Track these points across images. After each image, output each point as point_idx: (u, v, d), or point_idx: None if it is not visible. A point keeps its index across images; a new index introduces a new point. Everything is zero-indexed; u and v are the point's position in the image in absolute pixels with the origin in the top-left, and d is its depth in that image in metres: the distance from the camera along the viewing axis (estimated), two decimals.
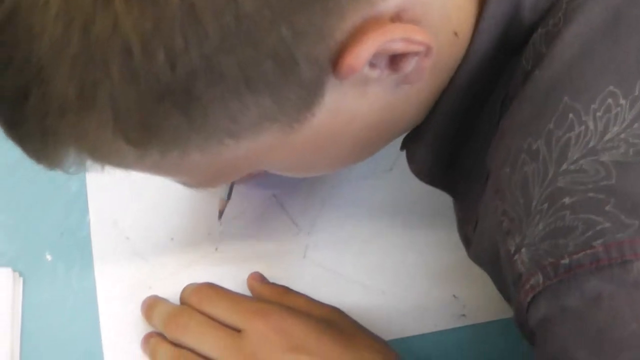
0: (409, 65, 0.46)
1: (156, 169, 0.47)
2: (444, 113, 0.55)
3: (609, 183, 0.42)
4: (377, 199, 0.76)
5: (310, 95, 0.44)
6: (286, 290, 0.69)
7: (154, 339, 0.64)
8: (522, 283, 0.46)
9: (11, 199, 0.74)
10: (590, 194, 0.43)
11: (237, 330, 0.62)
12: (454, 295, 0.72)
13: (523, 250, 0.45)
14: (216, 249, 0.72)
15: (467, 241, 0.60)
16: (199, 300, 0.65)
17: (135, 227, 0.73)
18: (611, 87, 0.45)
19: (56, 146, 0.42)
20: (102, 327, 0.67)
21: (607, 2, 0.48)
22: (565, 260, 0.43)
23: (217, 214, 0.73)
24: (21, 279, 0.69)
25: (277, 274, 0.71)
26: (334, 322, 0.65)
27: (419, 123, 0.57)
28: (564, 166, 0.44)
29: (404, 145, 0.60)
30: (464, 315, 0.71)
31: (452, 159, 0.59)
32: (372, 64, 0.45)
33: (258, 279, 0.70)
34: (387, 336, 0.67)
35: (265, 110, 0.43)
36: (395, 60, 0.46)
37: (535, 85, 0.48)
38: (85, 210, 0.74)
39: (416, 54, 0.45)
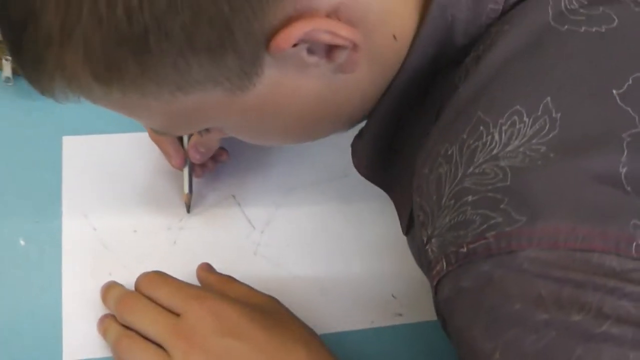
0: (341, 57, 0.54)
1: (120, 107, 0.56)
2: (382, 113, 0.62)
3: (504, 184, 0.48)
4: (330, 202, 0.83)
5: (249, 66, 0.52)
6: (230, 279, 0.74)
7: (108, 320, 0.70)
8: (431, 268, 0.53)
9: None
10: (490, 194, 0.49)
11: (178, 315, 0.67)
12: (392, 295, 0.76)
13: (433, 240, 0.52)
14: (174, 242, 0.78)
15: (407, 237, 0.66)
16: (146, 286, 0.70)
17: (103, 219, 0.79)
18: (518, 106, 0.51)
19: (45, 74, 0.50)
20: (63, 307, 0.72)
21: (532, 26, 0.54)
22: (464, 249, 0.49)
23: (177, 211, 0.80)
24: None
25: (229, 268, 0.76)
26: (268, 310, 0.69)
27: (361, 117, 0.65)
28: (470, 169, 0.50)
29: (354, 141, 0.67)
30: (400, 314, 0.76)
31: (390, 159, 0.67)
32: (310, 51, 0.53)
33: (206, 268, 0.76)
34: (324, 329, 0.72)
35: (208, 72, 0.51)
36: (330, 51, 0.53)
37: (458, 99, 0.55)
38: (59, 201, 0.79)
39: (344, 47, 0.53)
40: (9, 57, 0.83)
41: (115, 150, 0.83)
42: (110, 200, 0.80)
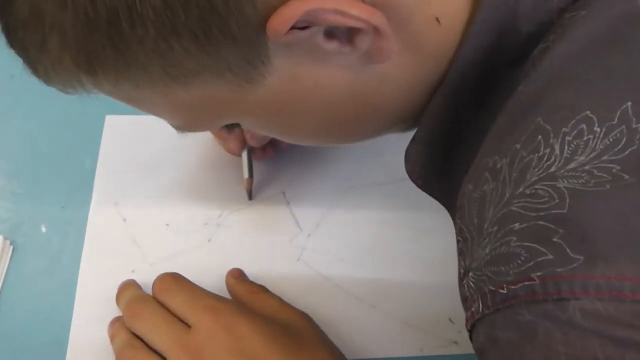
0: (364, 43, 0.45)
1: (126, 99, 0.50)
2: (432, 113, 0.53)
3: (560, 212, 0.39)
4: (387, 207, 0.73)
5: (252, 55, 0.45)
6: (261, 289, 0.65)
7: (118, 324, 0.62)
8: (467, 307, 0.44)
9: (26, 166, 0.74)
10: (541, 222, 0.39)
11: (189, 326, 0.59)
12: (449, 319, 0.66)
13: (470, 274, 0.43)
14: (209, 240, 0.70)
15: None
16: (160, 290, 0.62)
17: (134, 209, 0.71)
18: (588, 112, 0.41)
19: (32, 61, 0.46)
20: (75, 307, 0.65)
21: (616, 13, 0.45)
22: (504, 290, 0.40)
23: (216, 206, 0.71)
24: (11, 247, 0.68)
25: (266, 274, 0.68)
26: (295, 330, 0.61)
27: (415, 116, 0.55)
28: (520, 189, 0.41)
29: (408, 145, 0.57)
30: (456, 342, 0.65)
31: (446, 169, 0.56)
32: (329, 35, 0.45)
33: (236, 275, 0.67)
34: (364, 354, 0.63)
35: (201, 61, 0.44)
36: (351, 35, 0.45)
37: (515, 101, 0.46)
38: (91, 187, 0.72)
39: (365, 32, 0.44)
40: None
41: (158, 135, 0.75)
42: (145, 189, 0.73)
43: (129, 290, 0.64)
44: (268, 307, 0.63)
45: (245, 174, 0.71)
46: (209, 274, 0.65)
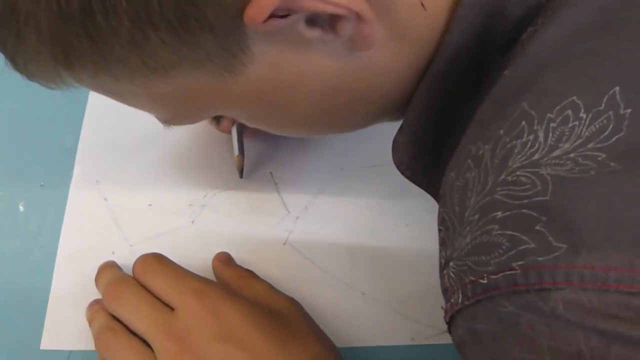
0: (346, 30, 0.44)
1: (102, 92, 0.49)
2: (419, 101, 0.51)
3: (543, 199, 0.38)
4: (379, 190, 0.70)
5: (231, 44, 0.43)
6: (249, 274, 0.63)
7: (96, 307, 0.60)
8: (446, 299, 0.43)
9: (5, 143, 0.72)
10: (523, 210, 0.38)
11: (172, 309, 0.56)
12: (442, 307, 0.63)
13: (451, 263, 0.42)
14: (193, 221, 0.67)
15: None
16: (142, 271, 0.60)
17: (116, 188, 0.69)
18: (574, 97, 0.40)
19: (14, 54, 0.44)
20: (52, 289, 0.63)
21: (600, 2, 0.43)
22: (484, 280, 0.39)
23: (201, 186, 0.69)
24: None
25: (251, 258, 0.65)
26: (284, 315, 0.58)
27: (404, 105, 0.53)
28: (502, 176, 0.40)
29: (395, 135, 0.56)
30: (448, 331, 0.62)
31: (434, 157, 0.55)
32: (310, 23, 0.43)
33: (223, 259, 0.65)
34: (353, 342, 0.61)
35: (178, 51, 0.43)
36: (334, 22, 0.43)
37: (502, 86, 0.45)
38: (71, 166, 0.70)
39: (347, 18, 0.43)
40: None
41: (141, 115, 0.72)
42: (128, 168, 0.70)
43: (108, 272, 0.62)
44: (256, 292, 0.60)
45: (236, 151, 0.68)
46: (192, 256, 0.63)
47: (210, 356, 0.54)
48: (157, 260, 0.60)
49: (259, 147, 0.71)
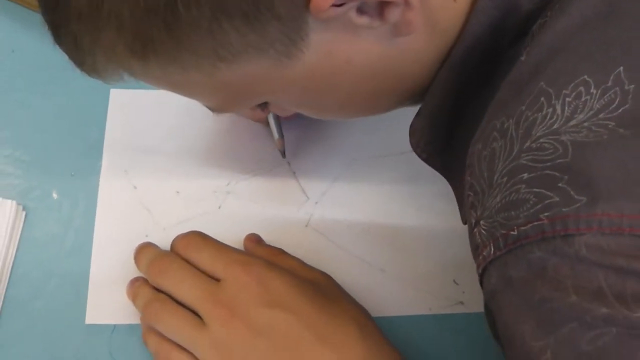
0: (393, 15, 0.48)
1: (167, 84, 0.53)
2: (439, 87, 0.56)
3: (564, 161, 0.43)
4: (390, 178, 0.75)
5: (292, 31, 0.47)
6: (281, 251, 0.68)
7: (139, 283, 0.64)
8: (477, 254, 0.47)
9: (32, 136, 0.75)
10: (547, 171, 0.43)
11: (218, 281, 0.60)
12: (454, 281, 0.68)
13: (482, 222, 0.47)
14: (219, 207, 0.71)
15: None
16: (184, 246, 0.64)
17: (144, 177, 0.72)
18: (585, 76, 0.45)
19: (83, 52, 0.48)
20: (92, 268, 0.67)
21: None
22: (515, 232, 0.43)
23: (225, 174, 0.73)
24: (24, 213, 0.69)
25: (277, 239, 0.69)
26: (319, 285, 0.63)
27: (424, 90, 0.57)
28: (527, 144, 0.45)
29: (413, 119, 0.60)
30: (461, 302, 0.68)
31: (449, 142, 0.60)
32: (360, 11, 0.47)
33: (254, 240, 0.69)
34: (378, 312, 0.65)
35: (248, 39, 0.46)
36: (381, 9, 0.47)
37: (520, 70, 0.49)
38: (99, 156, 0.73)
39: (395, 4, 0.47)
40: None
41: (164, 107, 0.77)
42: (154, 158, 0.74)
43: (149, 250, 0.65)
44: (290, 266, 0.64)
45: (276, 135, 0.73)
46: (222, 237, 0.66)
47: (258, 320, 0.58)
48: (198, 236, 0.64)
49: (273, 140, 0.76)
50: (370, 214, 0.72)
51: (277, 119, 0.73)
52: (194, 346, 0.58)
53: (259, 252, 0.67)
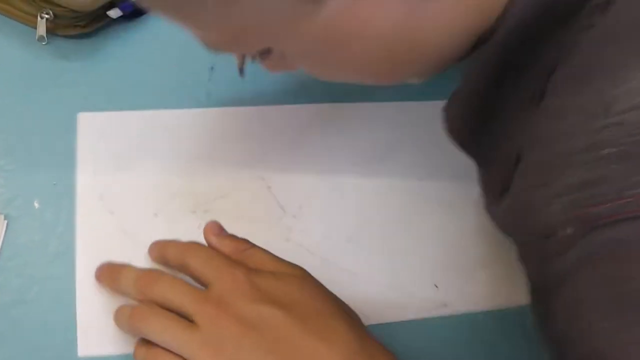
0: None
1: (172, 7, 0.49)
2: (479, 71, 0.55)
3: None
4: (366, 188, 0.76)
5: None
6: (248, 245, 0.65)
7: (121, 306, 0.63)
8: (553, 233, 0.45)
9: (14, 146, 0.74)
10: (632, 148, 0.42)
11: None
12: (435, 285, 0.70)
13: (556, 200, 0.45)
14: (199, 226, 0.71)
15: (491, 210, 0.59)
16: (177, 253, 0.63)
17: (120, 201, 0.72)
18: None
19: None
20: (77, 269, 0.67)
21: None
22: (597, 209, 0.43)
23: (201, 194, 0.73)
24: (5, 222, 0.69)
25: None
26: (300, 278, 0.62)
27: (444, 66, 0.57)
28: (610, 119, 0.44)
29: (446, 105, 0.60)
30: (445, 305, 0.69)
31: (484, 124, 0.59)
32: None
33: (216, 231, 0.67)
34: (367, 321, 0.65)
35: None
36: None
37: (590, 43, 0.47)
38: (73, 183, 0.73)
39: None
40: (45, 15, 0.77)
41: (135, 129, 0.76)
42: (129, 182, 0.73)
43: (130, 268, 0.64)
44: (263, 262, 0.63)
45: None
46: None
47: (248, 316, 0.57)
48: (193, 244, 0.64)
49: (247, 154, 0.76)
50: (348, 223, 0.74)
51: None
52: (184, 348, 0.57)
53: (225, 246, 0.65)
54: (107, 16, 0.80)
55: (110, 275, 0.65)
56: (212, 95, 0.80)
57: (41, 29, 0.78)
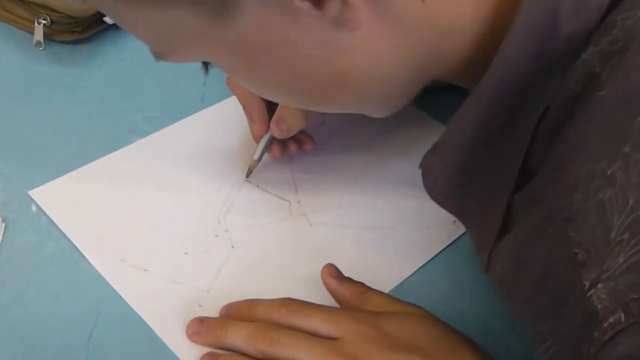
0: (331, 9, 0.47)
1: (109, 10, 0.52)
2: (467, 121, 0.54)
3: None
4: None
5: None
6: (366, 289, 0.63)
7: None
8: (599, 320, 0.41)
9: (12, 149, 0.74)
10: None
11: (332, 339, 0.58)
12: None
13: (600, 285, 0.42)
14: (232, 247, 0.70)
15: (485, 264, 0.59)
16: (287, 314, 0.60)
17: (132, 251, 0.69)
18: None
19: None
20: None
21: None
22: None
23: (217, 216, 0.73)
24: (3, 224, 0.69)
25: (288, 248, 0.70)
26: (419, 317, 0.61)
27: (403, 100, 0.59)
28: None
29: (425, 158, 0.59)
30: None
31: (469, 175, 0.58)
32: None
33: (334, 274, 0.65)
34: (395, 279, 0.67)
35: None
36: (321, 0, 0.47)
37: (601, 106, 0.46)
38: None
39: None
40: (42, 21, 0.78)
41: (96, 186, 0.74)
42: (131, 231, 0.71)
43: (238, 324, 0.61)
44: (381, 304, 0.62)
45: (255, 156, 0.74)
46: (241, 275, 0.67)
47: None
48: (299, 301, 0.61)
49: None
50: (344, 187, 0.75)
51: (267, 145, 0.74)
52: None
53: (344, 293, 0.63)
54: (104, 22, 0.81)
55: (209, 333, 0.61)
56: (206, 100, 0.81)
57: (38, 34, 0.79)
